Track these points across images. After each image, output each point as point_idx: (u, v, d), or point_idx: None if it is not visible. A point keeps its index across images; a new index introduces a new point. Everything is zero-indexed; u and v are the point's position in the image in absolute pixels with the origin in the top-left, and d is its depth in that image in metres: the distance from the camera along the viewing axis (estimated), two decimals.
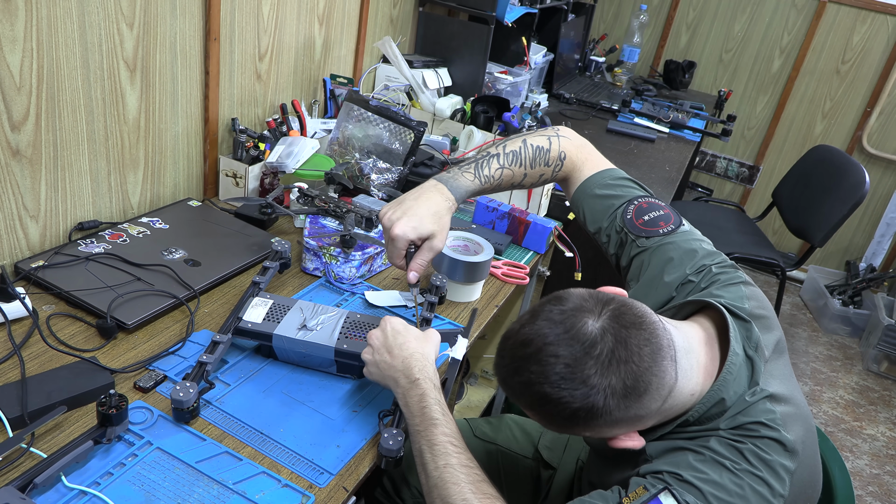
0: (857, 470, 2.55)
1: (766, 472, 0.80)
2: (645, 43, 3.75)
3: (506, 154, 1.13)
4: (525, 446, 1.36)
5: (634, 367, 0.78)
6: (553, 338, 0.79)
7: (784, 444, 0.82)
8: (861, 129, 3.49)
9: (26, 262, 1.17)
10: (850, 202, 2.56)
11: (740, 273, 0.99)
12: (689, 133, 2.75)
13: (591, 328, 0.78)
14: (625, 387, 0.77)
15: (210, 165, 1.56)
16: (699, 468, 0.81)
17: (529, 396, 0.81)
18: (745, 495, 0.79)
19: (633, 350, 0.78)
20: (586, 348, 0.77)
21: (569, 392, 0.77)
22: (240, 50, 1.55)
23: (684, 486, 0.80)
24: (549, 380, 0.78)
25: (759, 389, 0.85)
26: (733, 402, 0.84)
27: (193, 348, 1.09)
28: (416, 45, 2.36)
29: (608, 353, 0.77)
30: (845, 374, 3.12)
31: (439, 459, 0.87)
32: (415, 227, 1.06)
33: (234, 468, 0.90)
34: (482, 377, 2.12)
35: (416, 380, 0.94)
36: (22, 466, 0.84)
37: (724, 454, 0.81)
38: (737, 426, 0.83)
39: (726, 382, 0.84)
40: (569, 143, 1.18)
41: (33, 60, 1.10)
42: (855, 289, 3.44)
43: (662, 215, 1.08)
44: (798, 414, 0.87)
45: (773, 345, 0.91)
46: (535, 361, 0.79)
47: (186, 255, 1.29)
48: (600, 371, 0.77)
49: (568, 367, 0.77)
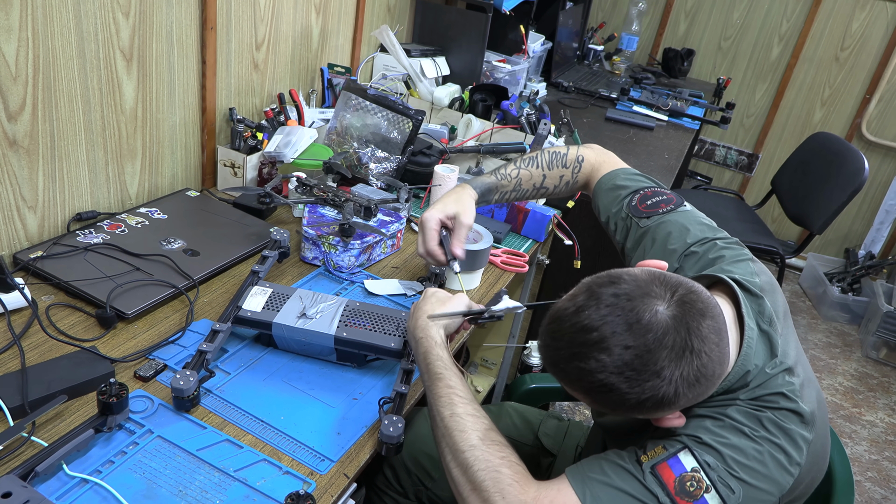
0: (856, 456, 2.56)
1: (784, 441, 0.81)
2: (643, 31, 3.74)
3: (522, 159, 1.23)
4: (525, 434, 1.37)
5: (706, 358, 0.76)
6: (622, 326, 0.75)
7: (802, 416, 0.83)
8: (860, 116, 3.48)
9: (25, 253, 1.17)
10: (850, 189, 2.56)
11: (746, 251, 1.01)
12: (688, 121, 2.75)
13: (663, 316, 0.75)
14: (695, 376, 0.75)
15: (208, 155, 1.55)
16: (718, 432, 0.81)
17: (589, 383, 0.77)
18: (764, 461, 0.80)
19: (704, 339, 0.76)
20: (659, 339, 0.74)
21: (639, 383, 0.74)
22: (237, 39, 1.54)
23: (703, 447, 0.80)
24: (617, 370, 0.74)
25: (777, 362, 0.85)
26: (755, 375, 0.84)
27: (193, 337, 1.10)
28: (413, 33, 2.35)
29: (682, 344, 0.74)
30: (844, 360, 3.12)
31: (445, 410, 0.89)
32: (440, 209, 1.16)
33: (235, 456, 0.90)
34: (482, 365, 2.12)
35: (420, 338, 0.98)
36: (23, 455, 0.85)
37: (743, 422, 0.82)
38: (756, 397, 0.84)
39: (748, 357, 0.85)
40: (588, 151, 1.26)
41: (29, 50, 1.09)
42: (854, 276, 3.44)
43: (664, 199, 1.11)
44: (810, 382, 0.88)
45: (782, 314, 0.93)
46: (602, 350, 0.75)
47: (185, 245, 1.28)
48: (674, 362, 0.74)
49: (639, 357, 0.74)
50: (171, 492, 0.84)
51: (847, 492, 1.07)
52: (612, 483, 0.81)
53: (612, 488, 0.80)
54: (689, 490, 0.78)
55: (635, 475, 0.80)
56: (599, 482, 0.81)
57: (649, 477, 0.79)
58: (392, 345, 1.06)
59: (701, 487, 0.78)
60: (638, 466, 0.81)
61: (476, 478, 0.82)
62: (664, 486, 0.78)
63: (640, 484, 0.80)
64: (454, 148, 1.75)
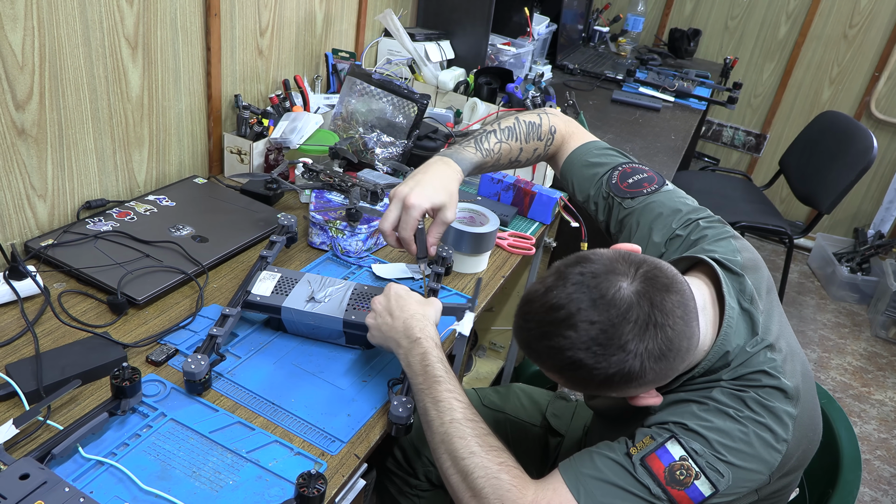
0: (865, 434, 2.56)
1: (769, 419, 0.82)
2: (649, 11, 3.71)
3: (501, 130, 1.16)
4: (533, 414, 1.38)
5: (670, 331, 0.77)
6: (587, 303, 0.77)
7: (785, 392, 0.83)
8: (869, 94, 3.45)
9: (36, 241, 1.18)
10: (858, 168, 2.55)
11: (728, 228, 1.01)
12: (695, 101, 2.73)
13: (626, 292, 0.77)
14: (661, 350, 0.77)
15: (214, 142, 1.56)
16: (703, 417, 0.82)
17: (559, 361, 0.79)
18: (750, 441, 0.81)
19: (668, 314, 0.77)
20: (623, 313, 0.76)
21: (605, 357, 0.76)
22: (241, 25, 1.54)
23: (690, 434, 0.81)
24: (584, 345, 0.76)
25: (759, 339, 0.86)
26: (736, 355, 0.85)
27: (203, 322, 1.11)
28: (417, 17, 2.34)
29: (645, 318, 0.76)
30: (853, 340, 3.12)
31: (444, 415, 0.88)
32: (428, 196, 1.06)
33: (247, 437, 0.92)
34: (490, 349, 2.13)
35: (418, 339, 0.95)
36: (39, 438, 0.86)
37: (728, 403, 0.83)
38: (739, 377, 0.84)
39: (728, 336, 0.85)
40: (557, 119, 1.21)
41: (35, 39, 1.10)
42: (863, 256, 3.43)
43: (646, 177, 1.10)
44: (794, 358, 0.89)
45: (765, 289, 0.93)
46: (569, 326, 0.77)
47: (194, 232, 1.29)
48: (638, 336, 0.76)
49: (604, 332, 0.76)
50: (184, 473, 0.85)
51: (854, 467, 1.07)
52: (605, 478, 0.82)
53: (605, 483, 0.82)
54: (679, 479, 0.79)
55: (626, 468, 0.82)
56: (592, 478, 0.83)
57: (640, 469, 0.81)
58: None
59: (690, 475, 0.79)
60: (628, 459, 0.82)
61: (476, 485, 0.83)
62: (655, 476, 0.80)
63: (632, 476, 0.81)
64: (460, 132, 1.75)
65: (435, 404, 0.90)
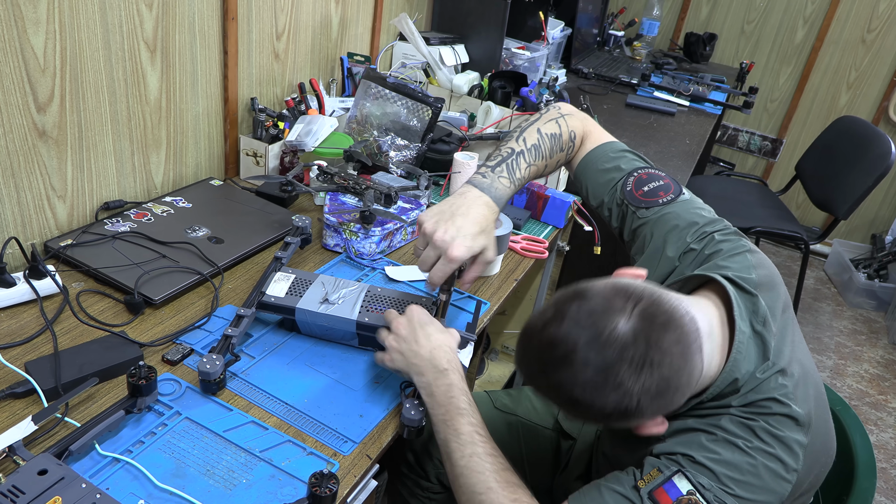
0: (881, 443, 2.53)
1: (778, 449, 0.81)
2: (665, 16, 3.70)
3: (528, 150, 1.11)
4: (545, 417, 1.38)
5: (667, 370, 0.76)
6: (583, 342, 0.76)
7: (796, 419, 0.82)
8: (887, 99, 3.42)
9: (55, 241, 1.20)
10: (876, 174, 2.52)
11: (745, 241, 0.98)
12: (710, 106, 2.72)
13: (622, 330, 0.76)
14: (658, 388, 0.76)
15: (230, 145, 1.58)
16: (711, 448, 0.81)
17: (558, 398, 0.80)
18: (759, 473, 0.80)
19: (665, 352, 0.76)
20: (619, 353, 0.75)
21: (601, 397, 0.76)
22: (257, 29, 1.56)
23: (697, 467, 0.80)
24: (580, 384, 0.76)
25: (770, 364, 0.84)
26: (745, 381, 0.84)
27: (218, 323, 1.12)
28: (432, 21, 2.36)
29: (640, 357, 0.75)
30: (870, 347, 3.09)
31: (465, 448, 0.89)
32: (470, 246, 1.02)
33: (260, 437, 0.93)
34: (503, 352, 2.13)
35: (445, 370, 0.95)
36: (57, 435, 0.88)
37: (737, 433, 0.81)
38: (749, 403, 0.83)
39: (737, 362, 0.84)
40: (574, 121, 1.16)
41: (56, 42, 1.12)
42: (881, 262, 3.39)
43: (662, 185, 1.06)
44: (808, 381, 0.87)
45: (781, 308, 0.91)
46: (565, 365, 0.77)
47: (210, 233, 1.31)
48: (634, 375, 0.75)
49: (601, 372, 0.75)
50: (199, 471, 0.86)
51: (869, 475, 1.06)
52: None
53: None
54: None
55: (634, 502, 0.81)
56: None
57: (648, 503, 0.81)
58: None
59: None
60: (636, 493, 0.82)
61: None
62: None
63: None
64: (474, 135, 1.75)
65: (457, 437, 0.90)
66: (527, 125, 1.15)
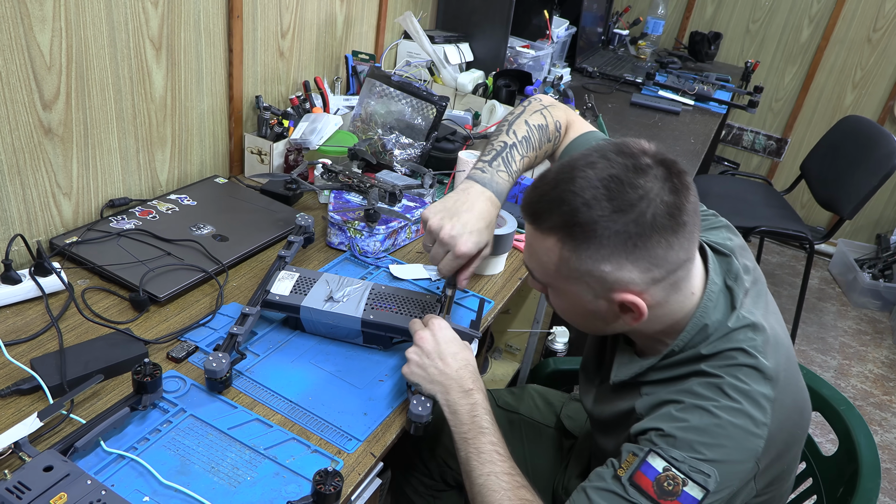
0: (886, 444, 2.53)
1: (746, 404, 0.81)
2: (669, 15, 3.69)
3: (520, 142, 1.13)
4: (547, 416, 1.38)
5: (683, 199, 0.80)
6: (611, 151, 0.81)
7: (763, 372, 0.83)
8: (893, 98, 3.41)
9: (61, 238, 1.20)
10: (881, 173, 2.51)
11: (722, 219, 1.02)
12: (715, 105, 2.71)
13: (648, 158, 0.81)
14: (670, 210, 0.79)
15: (235, 143, 1.58)
16: (680, 417, 0.82)
17: (568, 207, 0.81)
18: (729, 434, 0.80)
19: (684, 185, 0.81)
20: (643, 166, 0.79)
21: (620, 195, 0.78)
22: (262, 27, 1.56)
23: (668, 440, 0.81)
24: (601, 182, 0.79)
25: (741, 316, 0.86)
26: (715, 329, 0.86)
27: (223, 320, 1.12)
28: (437, 20, 2.35)
29: (664, 177, 0.79)
30: (875, 348, 3.08)
31: (485, 467, 0.90)
32: (477, 242, 1.05)
33: (264, 434, 0.93)
34: (507, 351, 2.13)
35: (470, 390, 0.96)
36: (63, 432, 0.88)
37: (705, 395, 0.83)
38: (717, 352, 0.85)
39: (707, 309, 0.86)
40: (559, 112, 1.19)
41: (62, 40, 1.12)
42: (886, 262, 3.38)
43: None
44: (779, 344, 0.88)
45: (752, 277, 0.94)
46: (590, 166, 0.80)
47: (214, 231, 1.31)
48: (658, 183, 0.79)
49: (626, 171, 0.79)
50: (203, 468, 0.87)
51: (873, 475, 1.06)
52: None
53: None
54: (668, 490, 0.79)
55: (618, 493, 0.82)
56: None
57: (631, 490, 0.81)
58: None
59: (678, 483, 0.79)
60: (618, 482, 0.82)
61: None
62: (646, 493, 0.80)
63: (626, 500, 0.81)
64: (478, 134, 1.75)
65: (477, 455, 0.91)
66: (513, 118, 1.17)
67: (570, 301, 0.89)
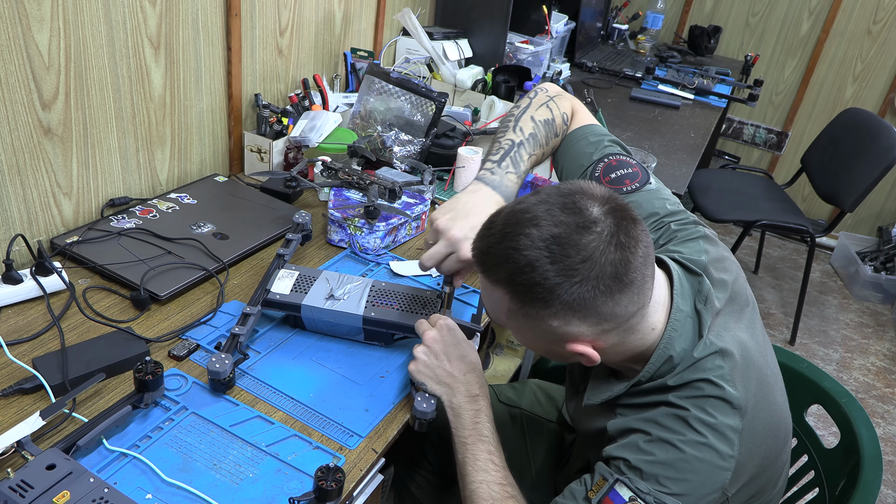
0: (888, 436, 2.53)
1: (712, 438, 0.80)
2: (669, 9, 3.68)
3: (527, 139, 1.12)
4: (549, 410, 1.38)
5: (630, 255, 0.77)
6: (558, 208, 0.78)
7: (730, 402, 0.81)
8: (894, 91, 3.40)
9: (61, 238, 1.21)
10: (882, 166, 2.51)
11: (700, 228, 0.99)
12: (715, 99, 2.71)
13: (595, 210, 0.78)
14: (616, 270, 0.76)
15: (235, 141, 1.58)
16: (647, 450, 0.81)
17: (513, 263, 0.78)
18: (695, 469, 0.80)
19: (634, 239, 0.78)
20: (589, 222, 0.77)
21: (561, 259, 0.76)
22: (261, 25, 1.56)
23: (634, 471, 0.81)
24: (543, 243, 0.76)
25: (708, 342, 0.84)
26: (681, 359, 0.84)
27: (224, 318, 1.12)
28: (435, 16, 2.35)
29: (610, 233, 0.77)
30: (877, 340, 3.08)
31: (479, 475, 0.91)
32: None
33: (266, 431, 0.93)
34: (508, 347, 2.13)
35: (476, 396, 0.97)
36: (65, 430, 0.88)
37: (671, 428, 0.81)
38: (684, 383, 0.83)
39: (672, 340, 0.84)
40: (564, 103, 1.17)
41: (61, 39, 1.12)
42: (887, 255, 3.38)
43: (629, 173, 1.06)
44: (749, 366, 0.86)
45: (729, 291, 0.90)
46: (533, 225, 0.77)
47: (215, 229, 1.31)
48: (600, 246, 0.76)
49: (567, 233, 0.76)
50: (205, 465, 0.87)
51: (875, 467, 1.06)
52: None
53: None
54: None
55: None
56: None
57: None
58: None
59: None
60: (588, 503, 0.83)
61: None
62: None
63: None
64: (477, 130, 1.75)
65: (474, 461, 0.92)
66: (519, 113, 1.15)
67: (527, 340, 0.89)
